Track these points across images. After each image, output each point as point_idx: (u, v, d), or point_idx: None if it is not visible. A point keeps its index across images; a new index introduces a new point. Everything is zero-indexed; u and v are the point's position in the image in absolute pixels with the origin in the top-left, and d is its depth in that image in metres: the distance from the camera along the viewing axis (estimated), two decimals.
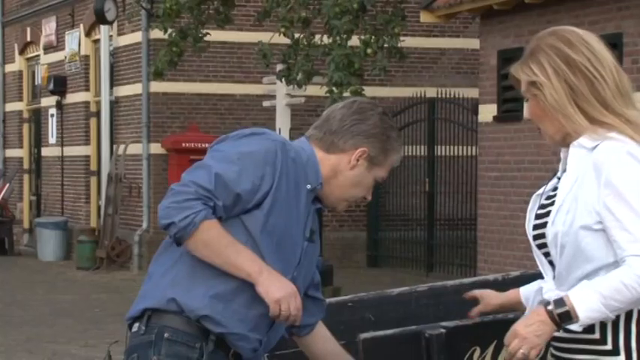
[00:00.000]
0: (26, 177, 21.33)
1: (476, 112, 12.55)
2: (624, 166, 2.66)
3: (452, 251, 14.97)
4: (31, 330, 10.54)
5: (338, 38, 11.10)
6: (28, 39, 20.96)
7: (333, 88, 11.01)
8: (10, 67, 21.87)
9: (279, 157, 2.92)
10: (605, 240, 2.67)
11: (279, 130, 13.00)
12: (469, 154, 14.09)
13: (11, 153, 21.83)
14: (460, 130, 14.66)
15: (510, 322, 3.15)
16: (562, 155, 2.88)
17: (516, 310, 3.10)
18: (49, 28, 19.92)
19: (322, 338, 3.17)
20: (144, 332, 2.90)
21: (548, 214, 2.77)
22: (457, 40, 17.28)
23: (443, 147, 15.14)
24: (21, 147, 21.49)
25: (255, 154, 2.90)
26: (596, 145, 2.72)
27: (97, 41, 18.16)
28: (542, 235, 2.77)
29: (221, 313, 2.89)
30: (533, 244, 2.83)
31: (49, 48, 19.95)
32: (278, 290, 2.86)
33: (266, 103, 13.76)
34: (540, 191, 2.88)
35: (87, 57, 18.65)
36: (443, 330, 3.11)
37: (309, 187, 2.98)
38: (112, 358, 3.14)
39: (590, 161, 2.71)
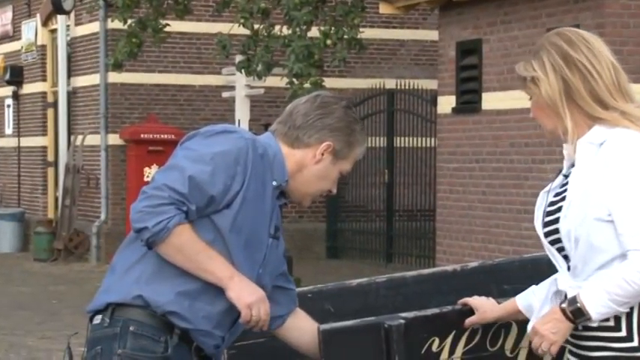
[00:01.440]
0: None
1: (435, 104, 12.60)
2: (630, 161, 2.75)
3: (411, 242, 15.03)
4: None
5: (298, 29, 11.09)
6: None
7: (294, 80, 11.01)
8: None
9: (250, 156, 2.93)
10: (615, 231, 2.76)
11: (239, 121, 12.97)
12: (428, 145, 14.14)
13: None
14: (419, 121, 14.70)
15: (466, 314, 3.18)
16: (565, 152, 2.95)
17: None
18: (5, 17, 19.71)
19: (298, 329, 3.17)
20: (108, 325, 2.89)
21: (559, 209, 2.85)
22: (416, 32, 17.32)
23: (402, 138, 15.18)
24: None
25: (228, 153, 2.91)
26: (604, 140, 2.79)
27: (54, 31, 18.00)
28: (554, 231, 2.86)
29: (187, 310, 2.90)
30: (544, 240, 2.90)
31: (5, 38, 19.74)
32: (249, 295, 2.90)
33: (225, 94, 13.73)
34: (547, 188, 2.95)
35: (44, 47, 18.48)
36: (402, 321, 3.13)
37: (275, 183, 3.00)
38: (71, 350, 3.12)
39: (600, 155, 2.79)
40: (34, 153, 18.73)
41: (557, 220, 2.85)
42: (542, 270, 3.63)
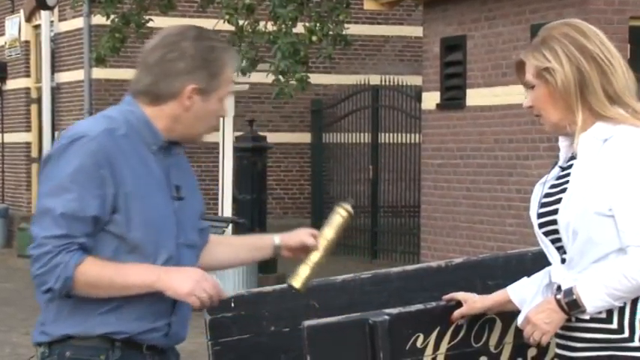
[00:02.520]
0: None
1: (419, 100, 12.61)
2: (635, 158, 2.76)
3: (395, 238, 15.04)
4: None
5: (283, 26, 11.08)
6: None
7: (280, 77, 11.01)
8: None
9: (110, 151, 2.75)
10: (614, 226, 2.77)
11: (223, 117, 12.95)
12: (412, 141, 14.15)
13: None
14: (403, 117, 14.71)
15: (451, 310, 3.18)
16: (560, 145, 2.95)
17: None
18: None
19: (209, 255, 3.05)
20: (47, 355, 2.85)
21: (556, 201, 2.85)
22: (400, 28, 17.34)
23: (386, 134, 15.19)
24: None
25: (84, 166, 2.73)
26: (610, 136, 2.80)
27: (37, 27, 17.93)
28: (550, 222, 2.86)
29: (117, 324, 2.80)
30: (539, 231, 2.91)
31: None
32: (184, 284, 2.75)
33: None
34: (543, 180, 2.96)
35: (27, 43, 18.41)
36: (387, 317, 3.13)
37: (155, 148, 2.83)
38: None
39: (604, 151, 2.79)
40: (18, 149, 18.66)
41: (553, 212, 2.85)
42: (526, 266, 3.63)
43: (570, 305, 2.79)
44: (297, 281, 2.99)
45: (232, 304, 3.35)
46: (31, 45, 18.36)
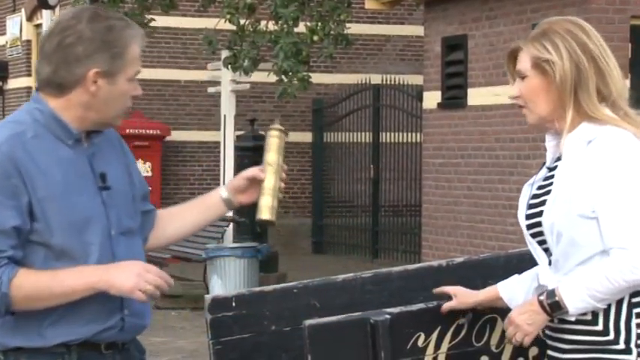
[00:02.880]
0: None
1: (420, 99, 12.61)
2: (619, 160, 2.75)
3: (396, 238, 15.05)
4: None
5: (285, 26, 11.09)
6: None
7: (282, 77, 11.02)
8: None
9: (16, 160, 2.63)
10: (598, 228, 2.77)
11: (224, 116, 12.96)
12: (413, 140, 14.16)
13: None
14: (404, 116, 14.72)
15: (452, 309, 3.18)
16: (547, 145, 2.94)
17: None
18: None
19: (158, 232, 2.98)
20: None
21: (542, 203, 2.84)
22: (402, 27, 17.34)
23: (387, 134, 15.20)
24: None
25: None
26: (594, 137, 2.79)
27: (39, 26, 17.94)
28: (537, 224, 2.86)
29: (68, 333, 2.72)
30: (526, 232, 2.90)
31: None
32: (127, 280, 2.65)
33: (211, 90, 13.71)
34: (531, 181, 2.95)
35: (29, 42, 18.42)
36: (388, 316, 3.13)
37: (70, 142, 2.72)
38: None
39: (588, 152, 2.78)
40: None
41: (539, 214, 2.85)
42: (527, 265, 3.64)
43: (553, 307, 2.79)
44: (265, 213, 2.90)
45: (233, 304, 3.36)
46: (33, 44, 18.37)
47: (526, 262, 3.64)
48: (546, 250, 2.88)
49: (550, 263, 2.87)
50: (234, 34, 11.68)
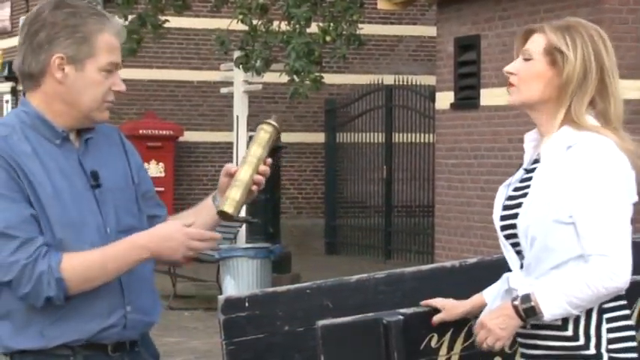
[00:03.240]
0: None
1: (433, 100, 12.60)
2: (600, 167, 2.74)
3: (409, 238, 15.04)
4: None
5: (297, 26, 11.10)
6: None
7: (294, 77, 11.02)
8: None
9: (11, 158, 2.63)
10: (574, 233, 2.74)
11: (237, 117, 12.97)
12: (426, 141, 14.15)
13: None
14: (417, 117, 14.71)
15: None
16: (526, 146, 2.93)
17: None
18: (3, 13, 19.71)
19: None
20: None
21: (517, 205, 2.83)
22: (414, 28, 17.34)
23: (400, 134, 15.20)
24: None
25: None
26: (575, 143, 2.77)
27: None
28: (511, 226, 2.84)
29: (69, 331, 2.68)
30: (500, 234, 2.88)
31: (3, 34, 19.75)
32: (173, 252, 2.64)
33: (223, 90, 13.72)
34: (507, 182, 2.94)
35: None
36: (401, 317, 3.13)
37: (58, 142, 2.70)
38: None
39: (568, 157, 2.77)
40: None
41: (514, 215, 2.83)
42: None
43: (527, 312, 2.75)
44: (226, 205, 2.72)
45: (246, 304, 3.36)
46: None
47: None
48: (519, 253, 2.85)
49: (522, 266, 2.84)
50: (247, 35, 11.69)
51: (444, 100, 11.77)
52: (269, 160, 2.84)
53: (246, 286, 10.67)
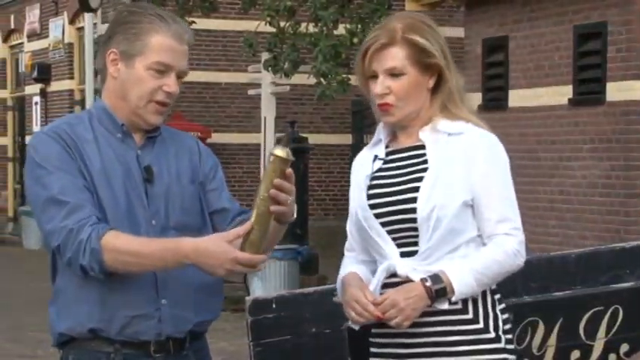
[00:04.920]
0: (10, 165, 21.25)
1: None
2: (495, 151, 2.87)
3: None
4: (16, 318, 10.51)
5: (324, 28, 11.10)
6: (12, 26, 20.86)
7: (321, 79, 11.03)
8: None
9: (69, 139, 2.77)
10: (472, 215, 2.81)
11: (264, 118, 12.99)
12: None
13: None
14: None
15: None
16: (381, 135, 2.95)
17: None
18: (32, 15, 19.83)
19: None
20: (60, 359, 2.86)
21: (405, 191, 2.81)
22: (442, 29, 17.10)
23: None
24: (5, 135, 21.40)
25: (54, 151, 2.75)
26: (459, 131, 2.85)
27: (81, 29, 18.08)
28: (391, 213, 2.82)
29: (103, 318, 2.75)
30: (373, 223, 2.85)
31: (32, 36, 19.86)
32: (214, 271, 2.64)
33: (251, 92, 13.75)
34: (367, 173, 2.92)
35: (71, 45, 18.58)
36: None
37: (119, 135, 2.82)
38: None
39: (461, 144, 2.83)
40: None
41: (398, 202, 2.81)
42: (569, 267, 3.61)
43: (439, 292, 2.76)
44: (249, 249, 2.65)
45: (274, 305, 3.36)
46: (75, 47, 18.52)
47: (568, 263, 3.62)
48: (394, 240, 2.83)
49: (403, 254, 2.81)
50: (275, 37, 11.71)
51: (472, 101, 11.71)
52: (271, 192, 2.67)
53: (273, 288, 10.68)
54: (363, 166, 2.94)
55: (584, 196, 10.06)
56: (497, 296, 2.85)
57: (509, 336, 2.82)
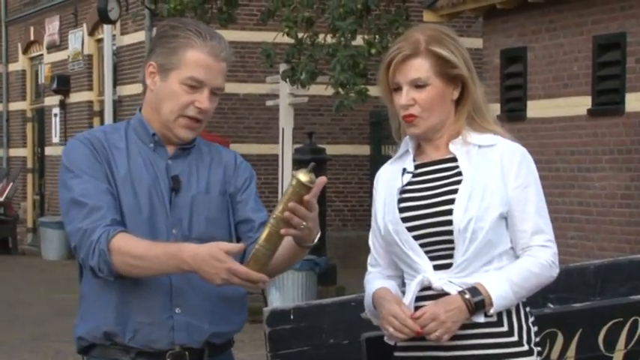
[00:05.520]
0: (30, 176, 21.34)
1: None
2: (528, 163, 2.87)
3: None
4: (35, 329, 10.55)
5: (342, 39, 11.11)
6: (32, 38, 20.98)
7: (339, 89, 11.03)
8: (13, 67, 21.88)
9: (99, 144, 2.83)
10: (505, 227, 2.81)
11: (282, 129, 13.00)
12: None
13: (15, 152, 21.84)
14: None
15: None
16: (408, 147, 2.91)
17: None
18: (52, 27, 19.93)
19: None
20: None
21: (435, 205, 2.80)
22: (460, 40, 17.25)
23: None
24: (24, 146, 21.50)
25: (81, 155, 2.82)
26: (492, 144, 2.85)
27: (100, 40, 18.16)
28: (424, 226, 2.80)
29: (116, 323, 2.78)
30: (407, 236, 2.82)
31: (52, 47, 19.96)
32: (212, 279, 2.63)
33: (269, 103, 13.77)
34: (398, 186, 2.88)
35: (90, 56, 18.65)
36: None
37: (152, 145, 2.86)
38: None
39: (495, 156, 2.84)
40: None
41: (431, 215, 2.79)
42: (587, 279, 3.60)
43: (478, 305, 2.74)
44: (253, 266, 2.64)
45: (292, 316, 3.36)
46: (94, 58, 18.59)
47: (587, 275, 3.60)
48: (428, 253, 2.81)
49: (437, 267, 2.79)
50: (293, 48, 11.73)
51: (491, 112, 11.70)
52: (285, 215, 2.65)
53: (291, 299, 10.67)
54: (390, 180, 2.91)
55: (603, 207, 10.02)
56: (528, 308, 2.85)
57: (539, 348, 2.83)
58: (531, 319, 2.83)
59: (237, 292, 2.80)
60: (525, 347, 2.77)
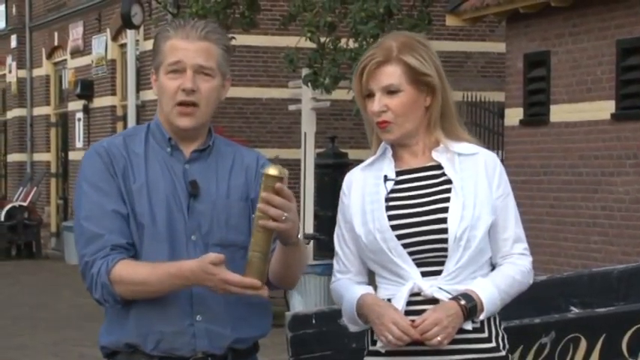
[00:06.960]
0: (53, 181, 21.44)
1: (502, 116, 12.51)
2: (504, 172, 2.92)
3: None
4: (58, 333, 10.59)
5: (364, 43, 11.10)
6: (56, 43, 21.08)
7: None
8: (37, 72, 22.00)
9: (113, 154, 2.83)
10: (488, 235, 2.85)
11: (305, 134, 13.01)
12: None
13: (39, 157, 21.95)
14: (486, 133, 14.59)
15: (534, 326, 3.14)
16: (387, 156, 2.90)
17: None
18: (76, 32, 20.03)
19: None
20: None
21: (424, 213, 2.80)
22: (483, 44, 17.23)
23: None
24: (48, 151, 21.61)
25: (93, 170, 2.84)
26: (474, 152, 2.90)
27: (123, 45, 18.23)
28: (413, 235, 2.79)
29: (138, 332, 2.78)
30: (396, 244, 2.80)
31: (76, 52, 20.06)
32: (212, 288, 2.67)
33: (291, 107, 13.78)
34: (381, 195, 2.86)
35: (114, 61, 18.72)
36: None
37: (169, 150, 2.86)
38: None
39: (477, 164, 2.88)
40: None
41: (421, 223, 2.79)
42: (611, 284, 3.58)
43: (471, 310, 2.77)
44: (251, 275, 2.67)
45: (314, 321, 3.36)
46: (117, 63, 18.66)
47: (610, 280, 3.58)
48: (413, 261, 2.80)
49: (424, 274, 2.80)
50: (315, 52, 11.73)
51: (513, 116, 11.67)
52: (276, 200, 2.64)
53: (313, 303, 10.67)
54: (366, 186, 2.90)
55: (627, 212, 9.96)
56: (499, 316, 2.89)
57: (511, 355, 2.89)
58: (504, 325, 2.89)
59: (258, 296, 2.78)
60: (503, 353, 2.83)
